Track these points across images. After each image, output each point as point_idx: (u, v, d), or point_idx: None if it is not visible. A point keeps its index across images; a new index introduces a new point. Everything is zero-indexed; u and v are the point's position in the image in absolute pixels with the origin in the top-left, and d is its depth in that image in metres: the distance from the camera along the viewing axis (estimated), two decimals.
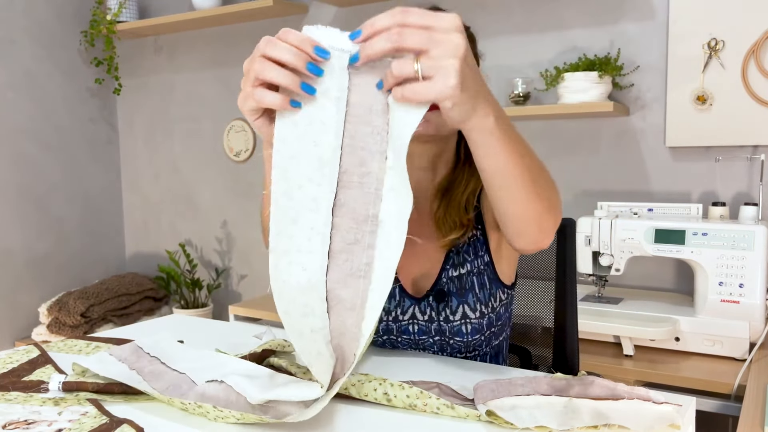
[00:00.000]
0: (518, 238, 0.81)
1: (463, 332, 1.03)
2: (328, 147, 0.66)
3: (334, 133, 0.66)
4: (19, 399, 0.82)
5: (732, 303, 1.55)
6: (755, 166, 1.82)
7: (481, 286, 1.04)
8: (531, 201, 0.75)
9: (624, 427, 0.71)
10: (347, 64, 0.65)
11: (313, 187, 0.67)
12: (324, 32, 0.64)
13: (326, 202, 0.67)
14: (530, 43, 2.12)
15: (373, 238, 0.68)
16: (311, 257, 0.68)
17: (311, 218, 0.67)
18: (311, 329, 0.68)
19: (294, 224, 0.67)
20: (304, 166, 0.66)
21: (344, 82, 0.65)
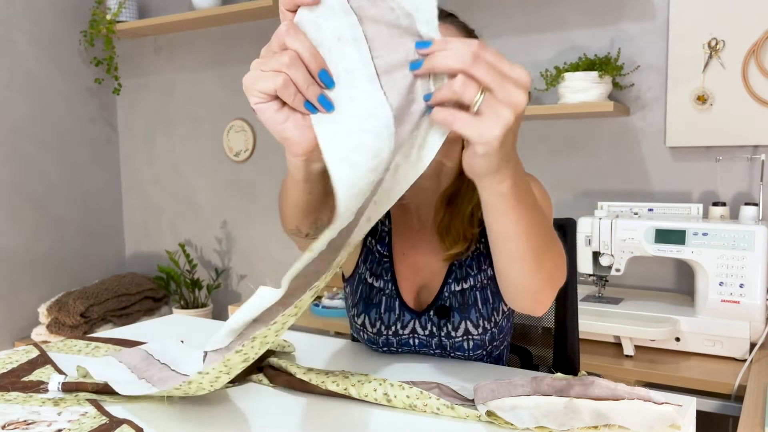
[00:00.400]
0: (511, 301, 0.81)
1: (465, 348, 1.02)
2: (365, 95, 0.57)
3: (367, 77, 0.57)
4: (19, 399, 0.82)
5: (732, 303, 1.55)
6: (755, 166, 1.81)
7: (485, 301, 1.02)
8: (531, 273, 0.74)
9: (624, 427, 0.71)
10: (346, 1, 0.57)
11: (371, 140, 0.56)
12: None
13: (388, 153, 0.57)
14: (530, 42, 2.12)
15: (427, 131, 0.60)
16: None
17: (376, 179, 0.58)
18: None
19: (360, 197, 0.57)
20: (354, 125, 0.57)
21: (352, 18, 0.57)
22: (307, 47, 0.56)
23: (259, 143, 2.73)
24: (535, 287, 0.76)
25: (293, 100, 0.57)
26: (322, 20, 0.57)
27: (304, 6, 0.57)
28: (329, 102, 0.57)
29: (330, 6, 0.57)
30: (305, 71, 0.56)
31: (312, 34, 0.57)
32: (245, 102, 2.74)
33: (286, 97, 0.57)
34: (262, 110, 0.59)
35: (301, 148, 0.60)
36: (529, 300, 0.78)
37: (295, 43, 0.56)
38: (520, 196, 0.66)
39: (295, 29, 0.57)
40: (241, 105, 2.76)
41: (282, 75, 0.56)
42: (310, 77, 0.57)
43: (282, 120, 0.59)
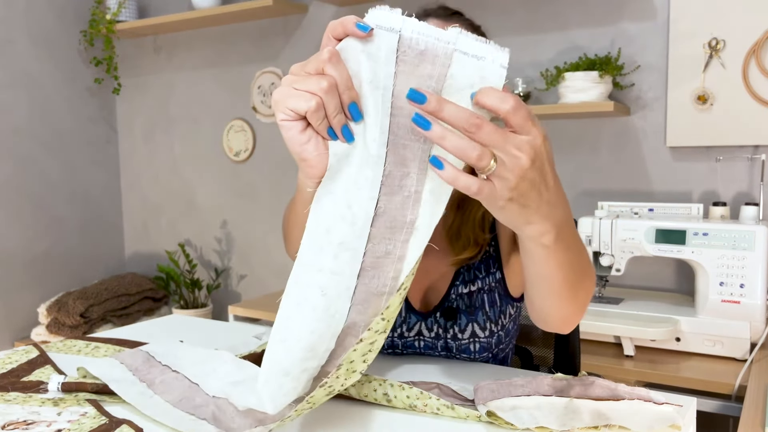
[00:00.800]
0: (540, 323, 0.83)
1: (471, 350, 1.01)
2: (374, 143, 0.59)
3: (380, 127, 0.59)
4: (19, 399, 0.82)
5: (733, 303, 1.55)
6: (756, 166, 1.81)
7: (492, 304, 1.02)
8: (565, 305, 0.75)
9: (624, 427, 0.70)
10: (396, 48, 0.57)
11: (353, 192, 0.60)
12: (377, 11, 0.57)
13: (364, 213, 0.60)
14: (531, 42, 2.12)
15: (404, 249, 0.62)
16: (335, 280, 0.61)
17: (344, 231, 0.60)
18: (303, 369, 0.62)
19: (327, 234, 0.60)
20: (355, 165, 0.60)
21: (391, 68, 0.57)
22: (345, 78, 0.57)
23: (258, 143, 2.73)
24: (566, 314, 0.78)
25: (319, 124, 0.58)
26: (364, 57, 0.57)
27: (353, 37, 0.57)
28: (351, 133, 0.59)
29: (377, 46, 0.57)
30: (338, 100, 0.58)
31: (350, 64, 0.58)
32: (245, 102, 2.74)
33: (314, 119, 0.58)
34: (288, 128, 0.60)
35: (317, 170, 0.61)
36: (559, 323, 0.80)
37: (335, 72, 0.57)
38: (562, 245, 0.66)
39: (338, 58, 0.57)
40: (241, 105, 2.76)
41: (316, 98, 0.57)
42: (341, 106, 0.58)
43: (304, 141, 0.60)
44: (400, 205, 0.61)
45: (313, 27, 2.55)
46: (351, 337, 0.63)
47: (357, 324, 0.62)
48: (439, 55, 0.57)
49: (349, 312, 0.62)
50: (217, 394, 0.78)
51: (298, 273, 0.61)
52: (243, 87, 2.74)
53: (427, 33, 0.57)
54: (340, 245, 0.60)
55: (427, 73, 0.57)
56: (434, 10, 0.98)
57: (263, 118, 2.69)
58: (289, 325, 0.60)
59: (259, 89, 2.68)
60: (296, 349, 0.60)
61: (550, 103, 2.04)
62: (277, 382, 0.61)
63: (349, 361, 0.62)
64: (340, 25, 0.58)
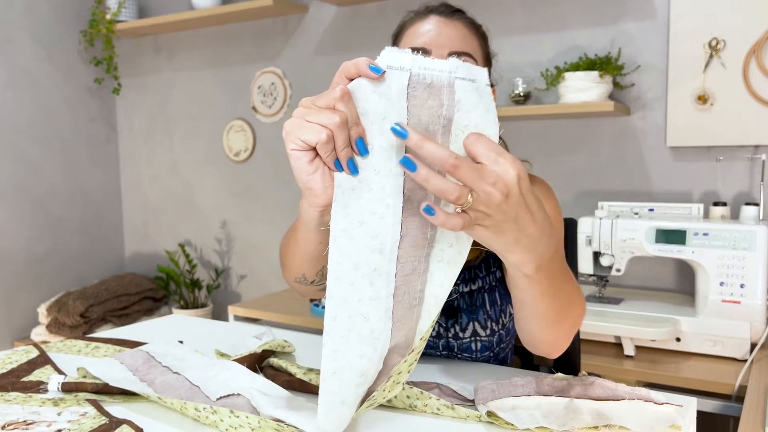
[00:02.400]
0: (528, 346, 0.86)
1: (472, 349, 1.01)
2: (390, 174, 0.63)
3: (396, 160, 0.63)
4: (19, 399, 0.82)
5: (733, 303, 1.55)
6: (756, 166, 1.81)
7: (492, 303, 1.02)
8: (549, 331, 0.78)
9: (625, 427, 0.70)
10: (406, 85, 0.61)
11: (375, 222, 0.63)
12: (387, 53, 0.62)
13: (389, 238, 0.64)
14: (531, 42, 2.12)
15: (427, 262, 0.67)
16: (374, 305, 0.64)
17: (374, 259, 0.63)
18: (357, 396, 0.65)
19: (356, 269, 0.63)
20: (366, 198, 0.63)
21: (403, 103, 0.62)
22: (354, 116, 0.61)
23: (258, 143, 2.73)
24: (552, 339, 0.80)
25: (327, 156, 0.62)
26: (376, 96, 0.62)
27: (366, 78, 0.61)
28: (356, 167, 0.62)
29: (388, 86, 0.61)
30: (347, 135, 0.61)
31: (361, 103, 0.62)
32: (245, 102, 2.74)
33: (323, 151, 0.61)
34: (297, 157, 0.63)
35: (321, 200, 0.65)
36: (547, 348, 0.83)
37: (346, 109, 0.61)
38: (546, 275, 0.70)
39: (349, 96, 0.61)
40: (240, 105, 2.76)
41: (327, 131, 0.60)
42: (349, 141, 0.61)
43: (311, 171, 0.63)
44: (420, 225, 0.65)
45: (313, 27, 2.55)
46: (394, 354, 0.67)
47: (399, 342, 0.66)
48: (444, 85, 0.62)
49: (392, 331, 0.65)
50: (225, 394, 0.78)
51: (335, 309, 0.63)
52: (243, 87, 2.74)
53: (432, 67, 0.62)
54: (374, 272, 0.64)
55: (435, 104, 0.62)
56: (436, 8, 0.97)
57: (263, 118, 2.69)
58: (337, 357, 0.63)
59: (259, 89, 2.68)
60: (348, 376, 0.64)
61: (550, 103, 2.04)
62: (337, 413, 0.64)
63: (398, 373, 0.65)
64: (353, 66, 0.61)
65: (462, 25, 0.96)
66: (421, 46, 0.92)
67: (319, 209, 0.67)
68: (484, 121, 0.63)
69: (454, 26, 0.95)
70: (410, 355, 0.64)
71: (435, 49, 0.92)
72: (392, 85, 0.61)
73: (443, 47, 0.92)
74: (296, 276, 0.87)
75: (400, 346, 0.67)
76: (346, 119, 0.61)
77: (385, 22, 2.36)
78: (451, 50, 0.92)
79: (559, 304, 0.76)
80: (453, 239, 0.67)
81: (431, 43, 0.93)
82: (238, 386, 0.79)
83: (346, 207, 0.63)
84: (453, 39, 0.93)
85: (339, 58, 2.49)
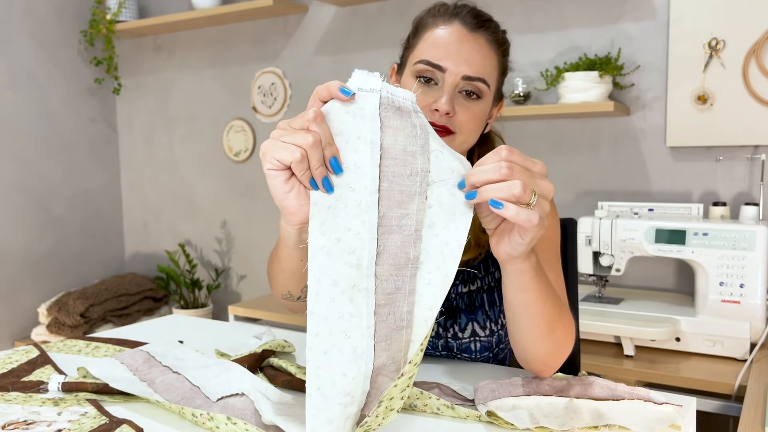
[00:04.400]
0: (523, 364, 0.87)
1: (472, 350, 1.01)
2: (365, 191, 0.65)
3: (370, 176, 0.65)
4: (19, 399, 0.82)
5: (733, 303, 1.55)
6: (756, 166, 1.81)
7: (491, 303, 1.02)
8: (542, 339, 0.81)
9: (624, 427, 0.70)
10: (378, 105, 0.65)
11: (351, 238, 0.64)
12: (357, 76, 0.66)
13: (366, 253, 0.65)
14: (530, 42, 2.12)
15: (413, 283, 0.67)
16: (355, 322, 0.64)
17: (352, 275, 0.64)
18: (345, 417, 0.64)
19: (335, 286, 0.64)
20: (342, 216, 0.64)
21: (376, 124, 0.65)
22: (328, 136, 0.64)
23: (258, 143, 2.73)
24: (545, 352, 0.83)
25: (302, 175, 0.64)
26: (350, 117, 0.65)
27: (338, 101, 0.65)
28: (331, 185, 0.64)
29: (360, 107, 0.65)
30: (321, 154, 0.63)
31: (336, 124, 0.65)
32: (245, 102, 2.74)
33: (297, 170, 0.64)
34: (273, 176, 0.65)
35: (297, 218, 0.68)
36: (539, 363, 0.84)
37: (319, 129, 0.63)
38: (539, 270, 0.77)
39: (322, 118, 0.64)
40: (241, 105, 2.76)
41: (300, 150, 0.63)
42: (323, 160, 0.64)
43: (287, 190, 0.66)
44: (400, 243, 0.66)
45: (313, 27, 2.55)
46: (383, 377, 0.66)
47: (385, 364, 0.66)
48: (411, 110, 0.66)
49: (375, 350, 0.65)
50: (226, 394, 0.78)
51: (316, 325, 0.63)
52: (243, 87, 2.74)
53: (396, 94, 0.66)
54: (353, 288, 0.65)
55: (409, 124, 0.66)
56: (463, 14, 0.93)
57: (263, 118, 2.69)
58: (321, 374, 0.63)
59: (259, 89, 2.68)
60: (332, 393, 0.63)
61: (550, 103, 2.04)
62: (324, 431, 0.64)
63: (389, 398, 0.65)
64: (325, 89, 0.65)
65: (485, 42, 0.92)
66: (435, 61, 0.90)
67: (296, 227, 0.70)
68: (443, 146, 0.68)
69: (476, 43, 0.91)
70: (400, 379, 0.64)
71: (450, 67, 0.89)
72: (364, 107, 0.65)
73: (458, 67, 0.89)
74: (282, 293, 0.89)
75: (387, 369, 0.67)
76: (319, 139, 0.63)
77: (385, 22, 2.36)
78: (466, 74, 0.89)
79: (552, 306, 0.80)
80: (440, 261, 0.67)
81: (446, 60, 0.89)
82: (239, 387, 0.79)
83: (323, 224, 0.64)
84: (470, 61, 0.90)
85: (339, 58, 2.49)
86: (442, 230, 0.67)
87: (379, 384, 0.66)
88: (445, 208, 0.67)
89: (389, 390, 0.64)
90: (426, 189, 0.67)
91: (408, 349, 0.67)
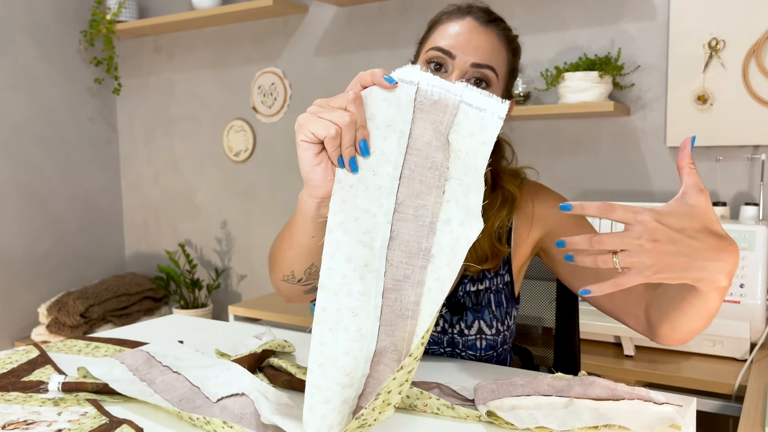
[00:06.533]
0: (667, 340, 0.88)
1: (477, 347, 1.02)
2: (387, 177, 0.67)
3: (394, 164, 0.67)
4: (19, 399, 0.82)
5: (733, 303, 1.55)
6: (756, 166, 1.81)
7: (498, 304, 1.03)
8: (704, 322, 0.81)
9: (624, 427, 0.70)
10: (413, 98, 0.67)
11: (368, 219, 0.67)
12: (400, 69, 0.68)
13: (380, 235, 0.67)
14: (530, 42, 2.12)
15: (423, 275, 0.68)
16: (363, 300, 0.66)
17: (365, 254, 0.66)
18: (343, 400, 0.65)
19: (347, 262, 0.66)
20: (362, 197, 0.67)
21: (408, 115, 0.67)
22: (362, 119, 0.67)
23: (258, 143, 2.73)
24: (700, 329, 0.83)
25: (332, 151, 0.67)
26: (385, 105, 0.68)
27: (378, 87, 0.68)
28: (356, 165, 0.68)
29: (398, 97, 0.68)
30: (353, 134, 0.67)
31: (371, 109, 0.68)
32: (245, 102, 2.74)
33: (329, 146, 0.67)
34: (304, 148, 0.69)
35: (320, 191, 0.70)
36: (689, 337, 0.85)
37: (356, 111, 0.67)
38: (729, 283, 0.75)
39: (360, 101, 0.67)
40: (241, 105, 2.76)
41: (336, 127, 0.66)
42: (354, 141, 0.67)
43: (316, 163, 0.69)
44: (414, 233, 0.68)
45: (313, 27, 2.55)
46: (383, 366, 0.67)
47: (387, 348, 0.67)
48: (449, 105, 0.67)
49: (378, 333, 0.66)
50: (226, 394, 0.78)
51: (325, 300, 0.65)
52: (243, 87, 2.75)
53: (440, 86, 0.67)
54: (365, 267, 0.66)
55: (439, 119, 0.68)
56: (476, 11, 0.95)
57: (263, 118, 2.69)
58: (324, 350, 0.64)
59: (259, 89, 2.68)
60: (333, 371, 0.64)
61: (550, 103, 2.04)
62: (321, 412, 0.64)
63: (387, 391, 0.64)
64: (369, 75, 0.68)
65: (495, 35, 0.94)
66: (446, 47, 0.91)
67: (317, 200, 0.72)
68: (474, 153, 0.67)
69: (486, 36, 0.93)
70: (399, 372, 0.64)
71: (459, 54, 0.91)
72: (401, 96, 0.67)
73: (467, 55, 0.91)
74: (285, 274, 0.88)
75: (389, 356, 0.67)
76: (355, 120, 0.66)
77: (385, 22, 2.36)
78: (474, 61, 0.91)
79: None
80: (450, 257, 0.68)
81: (457, 47, 0.91)
82: (239, 387, 0.79)
83: (343, 202, 0.67)
84: (479, 50, 0.91)
85: (339, 58, 2.49)
86: (456, 227, 0.68)
87: (378, 373, 0.67)
88: (461, 205, 0.68)
89: (387, 383, 0.64)
90: (444, 183, 0.68)
91: (411, 340, 0.68)
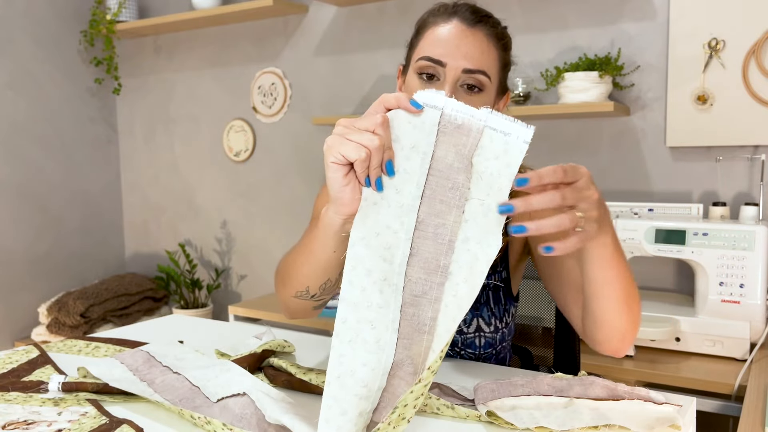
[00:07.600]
0: (600, 344, 0.90)
1: (476, 345, 1.02)
2: (409, 195, 0.70)
3: (416, 183, 0.70)
4: (19, 399, 0.82)
5: (732, 303, 1.55)
6: (756, 166, 1.81)
7: (496, 301, 1.03)
8: (623, 314, 0.84)
9: (624, 427, 0.70)
10: (437, 121, 0.70)
11: (389, 235, 0.70)
12: (425, 93, 0.71)
13: (401, 252, 0.70)
14: (530, 42, 2.12)
15: (440, 291, 0.70)
16: (382, 313, 0.68)
17: (385, 269, 0.69)
18: (359, 413, 0.66)
19: (368, 275, 0.68)
20: (384, 213, 0.70)
21: (432, 138, 0.70)
22: (388, 141, 0.70)
23: (258, 143, 2.73)
24: (624, 326, 0.85)
25: (361, 172, 0.70)
26: (410, 127, 0.71)
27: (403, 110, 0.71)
28: (381, 185, 0.71)
29: (422, 120, 0.70)
30: (381, 156, 0.69)
31: (396, 131, 0.71)
32: (245, 102, 2.74)
33: (359, 168, 0.70)
34: (334, 170, 0.71)
35: (348, 209, 0.73)
36: (619, 338, 0.87)
37: (383, 134, 0.69)
38: (617, 244, 0.80)
39: (387, 124, 0.70)
40: (241, 105, 2.76)
41: (366, 150, 0.68)
42: (381, 162, 0.70)
43: (345, 183, 0.71)
44: (433, 250, 0.70)
45: (313, 27, 2.55)
46: (399, 379, 0.68)
47: (403, 362, 0.68)
48: (472, 129, 0.70)
49: (396, 346, 0.68)
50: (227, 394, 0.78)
51: (345, 311, 0.67)
52: (243, 87, 2.75)
53: (464, 111, 0.70)
54: (384, 281, 0.69)
55: (462, 142, 0.70)
56: (462, 11, 0.95)
57: (263, 118, 2.69)
58: (343, 362, 0.66)
59: (259, 89, 2.68)
60: (351, 383, 0.65)
61: (550, 103, 2.04)
62: (336, 424, 0.64)
63: (404, 405, 0.65)
64: (394, 99, 0.70)
65: (483, 36, 0.93)
66: (436, 57, 0.92)
67: (344, 217, 0.75)
68: (498, 175, 0.70)
69: (474, 38, 0.92)
70: (417, 385, 0.64)
71: (450, 62, 0.91)
72: (426, 120, 0.70)
73: (458, 61, 0.91)
74: (299, 290, 0.89)
75: (405, 370, 0.68)
76: (383, 143, 0.69)
77: (385, 22, 2.36)
78: (466, 67, 0.91)
79: (629, 284, 0.84)
80: (468, 274, 0.69)
81: (446, 55, 0.91)
82: (239, 387, 0.79)
83: (366, 218, 0.70)
84: (469, 55, 0.91)
85: (339, 58, 2.49)
86: (474, 245, 0.69)
87: (393, 387, 0.68)
88: (480, 224, 0.70)
89: (405, 396, 0.64)
90: (464, 204, 0.70)
91: (427, 355, 0.69)
